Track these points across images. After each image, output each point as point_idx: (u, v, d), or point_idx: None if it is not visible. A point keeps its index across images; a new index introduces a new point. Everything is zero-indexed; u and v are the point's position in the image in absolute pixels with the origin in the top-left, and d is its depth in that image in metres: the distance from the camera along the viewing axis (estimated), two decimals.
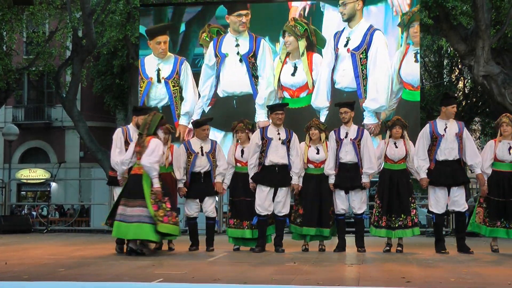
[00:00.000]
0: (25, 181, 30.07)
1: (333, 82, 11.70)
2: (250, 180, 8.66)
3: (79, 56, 20.50)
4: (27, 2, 13.40)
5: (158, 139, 8.24)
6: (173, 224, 8.08)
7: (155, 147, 8.02)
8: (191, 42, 12.62)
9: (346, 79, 11.50)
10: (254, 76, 11.93)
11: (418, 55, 11.86)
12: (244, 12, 12.13)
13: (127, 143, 8.58)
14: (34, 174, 29.82)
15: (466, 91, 28.12)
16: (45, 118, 30.16)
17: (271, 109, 8.95)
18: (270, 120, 8.96)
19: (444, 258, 7.96)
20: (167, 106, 12.29)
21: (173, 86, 12.34)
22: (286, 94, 11.86)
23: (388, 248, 8.65)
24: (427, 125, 8.75)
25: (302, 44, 11.80)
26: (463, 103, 27.85)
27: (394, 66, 11.65)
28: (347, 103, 9.07)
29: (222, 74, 12.02)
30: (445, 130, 8.47)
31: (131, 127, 8.83)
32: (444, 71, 28.80)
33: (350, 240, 9.03)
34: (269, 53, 12.02)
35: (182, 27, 12.74)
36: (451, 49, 23.10)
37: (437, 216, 8.62)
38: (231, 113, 8.22)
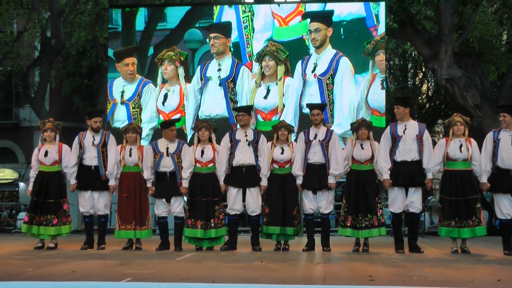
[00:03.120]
0: None
1: (300, 107, 11.90)
2: (221, 182, 8.74)
3: (48, 56, 20.31)
4: None
5: None
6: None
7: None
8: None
9: None
10: (232, 101, 12.16)
11: (385, 82, 12.06)
12: (212, 35, 12.43)
13: (80, 146, 9.05)
14: (2, 174, 29.42)
15: (430, 94, 28.41)
16: (13, 118, 29.79)
17: (236, 110, 9.21)
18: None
19: (408, 257, 8.03)
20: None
21: (133, 108, 12.57)
22: (259, 117, 12.08)
23: (357, 247, 8.68)
24: (388, 127, 8.87)
25: (281, 69, 12.01)
26: (427, 106, 28.15)
27: (361, 93, 11.87)
28: (319, 105, 9.22)
29: (203, 97, 12.31)
30: (404, 131, 8.54)
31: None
32: (409, 74, 29.06)
33: (318, 239, 9.05)
34: (247, 79, 12.26)
35: (151, 51, 12.98)
36: (415, 52, 23.32)
37: (394, 216, 8.74)
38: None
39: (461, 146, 8.45)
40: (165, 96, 12.48)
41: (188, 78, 12.54)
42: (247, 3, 13.24)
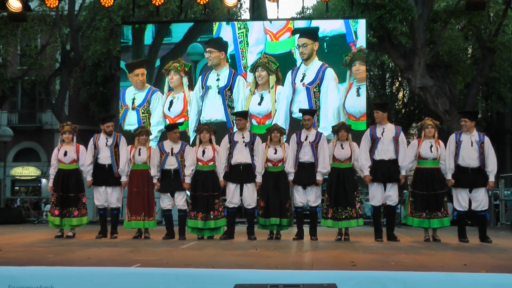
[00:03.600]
0: (18, 177, 29.61)
1: (291, 112, 12.00)
2: (221, 179, 8.78)
3: (67, 67, 20.33)
4: (21, 19, 13.22)
5: None
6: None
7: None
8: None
9: None
10: (230, 107, 12.22)
11: (361, 90, 12.05)
12: (208, 49, 12.63)
13: (95, 147, 9.13)
14: (27, 171, 29.38)
15: (405, 101, 28.48)
16: (37, 122, 29.77)
17: (234, 115, 9.27)
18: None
19: (386, 245, 8.02)
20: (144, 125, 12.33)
21: (143, 113, 12.64)
22: (254, 121, 12.13)
23: (339, 237, 8.67)
24: (368, 129, 8.89)
25: (273, 78, 12.08)
26: (403, 111, 28.21)
27: (340, 100, 11.95)
28: (310, 111, 9.28)
29: (204, 104, 12.37)
30: (382, 133, 8.57)
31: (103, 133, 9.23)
32: (387, 83, 29.13)
33: (307, 229, 9.04)
34: (243, 87, 12.35)
35: (158, 62, 13.03)
36: (392, 64, 23.38)
37: (374, 208, 8.77)
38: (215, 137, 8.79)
39: (431, 146, 8.49)
40: (171, 103, 12.53)
41: (191, 87, 12.58)
42: (243, 20, 13.31)
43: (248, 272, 5.22)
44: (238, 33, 12.61)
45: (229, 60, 12.54)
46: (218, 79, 12.34)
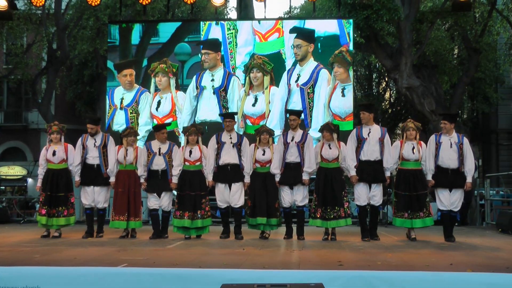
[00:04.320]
0: (4, 177, 29.43)
1: (286, 113, 11.84)
2: (210, 179, 8.86)
3: (54, 66, 20.19)
4: (7, 17, 13.12)
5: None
6: None
7: None
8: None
9: None
10: (224, 107, 12.23)
11: (345, 91, 12.07)
12: (203, 51, 12.54)
13: (83, 147, 9.17)
14: (13, 171, 29.20)
15: (392, 101, 28.58)
16: (23, 121, 29.60)
17: (223, 116, 9.33)
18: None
19: (372, 244, 8.06)
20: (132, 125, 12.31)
21: (131, 113, 12.60)
22: (248, 122, 12.16)
23: (326, 236, 8.71)
24: (355, 129, 8.95)
25: (267, 79, 12.12)
26: (389, 111, 28.30)
27: (326, 100, 12.00)
28: (295, 111, 9.31)
29: (199, 104, 12.36)
30: (368, 134, 8.64)
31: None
32: (373, 83, 29.22)
33: (294, 229, 9.05)
34: (237, 88, 12.32)
35: (145, 62, 12.97)
36: (379, 64, 23.46)
37: (360, 208, 8.82)
38: (203, 137, 8.74)
39: (413, 148, 8.60)
40: (159, 103, 12.50)
41: (178, 87, 12.56)
42: (231, 19, 13.29)
43: (235, 271, 5.23)
44: (228, 34, 12.61)
45: (224, 60, 12.58)
46: (212, 80, 12.35)
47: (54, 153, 9.07)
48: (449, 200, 8.59)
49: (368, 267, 5.53)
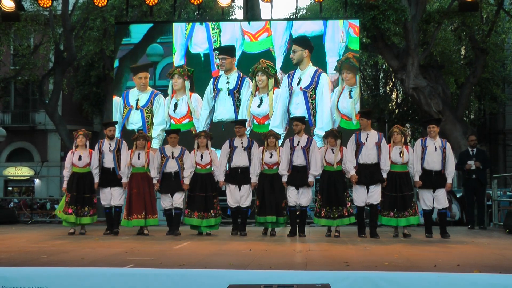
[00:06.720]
0: (11, 177, 29.56)
1: (289, 113, 12.51)
2: (221, 180, 9.57)
3: (61, 67, 20.27)
4: (14, 18, 13.19)
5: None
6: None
7: None
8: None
9: (299, 111, 12.26)
10: (238, 107, 12.74)
11: (353, 93, 12.52)
12: (220, 57, 12.88)
13: (99, 152, 9.87)
14: (20, 171, 29.32)
15: (399, 101, 28.58)
16: (30, 122, 29.72)
17: (235, 123, 10.08)
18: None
19: (378, 244, 8.06)
20: (141, 129, 12.64)
21: (146, 113, 12.97)
22: (254, 121, 12.68)
23: (329, 233, 9.32)
24: (354, 135, 9.46)
25: (271, 82, 12.58)
26: (396, 111, 28.30)
27: (334, 101, 12.49)
28: (299, 118, 9.92)
29: (216, 104, 12.81)
30: (366, 139, 9.19)
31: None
32: (380, 83, 29.22)
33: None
34: (249, 90, 12.77)
35: (116, 63, 13.31)
36: (386, 64, 23.45)
37: (358, 208, 9.37)
38: (220, 135, 9.38)
39: (400, 152, 9.16)
40: (175, 105, 12.89)
41: (192, 89, 12.94)
42: (213, 20, 13.57)
43: (242, 272, 5.24)
44: (212, 33, 13.06)
45: (237, 64, 12.98)
46: (228, 82, 12.84)
47: (80, 158, 9.77)
48: (431, 200, 9.18)
49: (375, 268, 5.53)
